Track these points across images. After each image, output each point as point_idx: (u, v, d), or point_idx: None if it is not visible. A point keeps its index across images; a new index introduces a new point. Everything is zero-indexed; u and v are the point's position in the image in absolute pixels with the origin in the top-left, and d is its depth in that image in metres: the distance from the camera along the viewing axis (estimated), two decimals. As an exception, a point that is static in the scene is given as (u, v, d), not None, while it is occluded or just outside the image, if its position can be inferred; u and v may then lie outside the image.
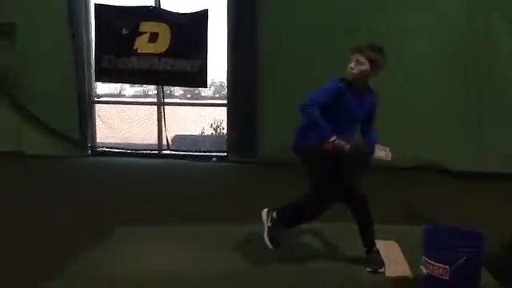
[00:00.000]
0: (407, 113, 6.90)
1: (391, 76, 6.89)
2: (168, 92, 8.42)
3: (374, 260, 3.44)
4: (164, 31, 7.56)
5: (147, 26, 7.58)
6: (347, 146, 3.08)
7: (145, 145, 8.46)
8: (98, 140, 8.46)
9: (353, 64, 3.20)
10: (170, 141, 8.22)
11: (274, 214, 3.45)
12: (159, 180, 6.62)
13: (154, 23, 7.58)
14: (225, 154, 7.97)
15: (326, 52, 7.00)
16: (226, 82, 8.14)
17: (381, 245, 3.85)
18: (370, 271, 3.40)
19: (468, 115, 6.73)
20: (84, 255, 3.72)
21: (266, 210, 3.54)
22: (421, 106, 6.87)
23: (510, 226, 3.85)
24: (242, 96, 7.64)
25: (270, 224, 3.44)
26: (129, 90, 9.79)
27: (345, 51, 3.29)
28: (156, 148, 8.29)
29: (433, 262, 2.89)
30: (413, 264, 3.36)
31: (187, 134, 8.72)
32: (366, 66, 3.17)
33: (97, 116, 8.38)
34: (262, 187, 5.99)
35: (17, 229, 4.40)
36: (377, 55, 3.19)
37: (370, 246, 3.48)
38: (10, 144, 7.86)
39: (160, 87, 8.15)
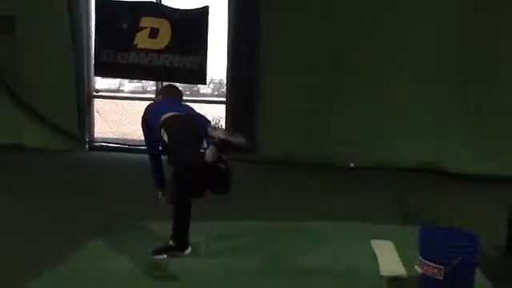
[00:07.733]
0: (407, 114, 6.93)
1: (391, 78, 6.93)
2: (167, 88, 8.41)
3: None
4: (164, 27, 7.55)
5: (147, 22, 7.57)
6: None
7: (143, 140, 8.40)
8: (96, 135, 8.46)
9: None
10: (168, 137, 8.19)
11: None
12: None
13: (155, 19, 7.57)
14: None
15: (326, 51, 7.01)
16: (225, 79, 8.14)
17: (377, 244, 3.89)
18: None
19: (468, 117, 6.74)
20: (81, 249, 3.74)
21: None
22: (420, 107, 6.90)
23: (506, 228, 3.87)
24: (240, 94, 7.64)
25: None
26: (128, 85, 9.80)
27: (346, 50, 3.30)
28: (154, 144, 8.27)
29: (428, 263, 2.91)
30: (408, 264, 3.37)
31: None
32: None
33: (95, 111, 8.38)
34: (260, 185, 5.98)
35: (14, 222, 4.40)
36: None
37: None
38: (9, 137, 7.85)
39: (159, 83, 8.15)
